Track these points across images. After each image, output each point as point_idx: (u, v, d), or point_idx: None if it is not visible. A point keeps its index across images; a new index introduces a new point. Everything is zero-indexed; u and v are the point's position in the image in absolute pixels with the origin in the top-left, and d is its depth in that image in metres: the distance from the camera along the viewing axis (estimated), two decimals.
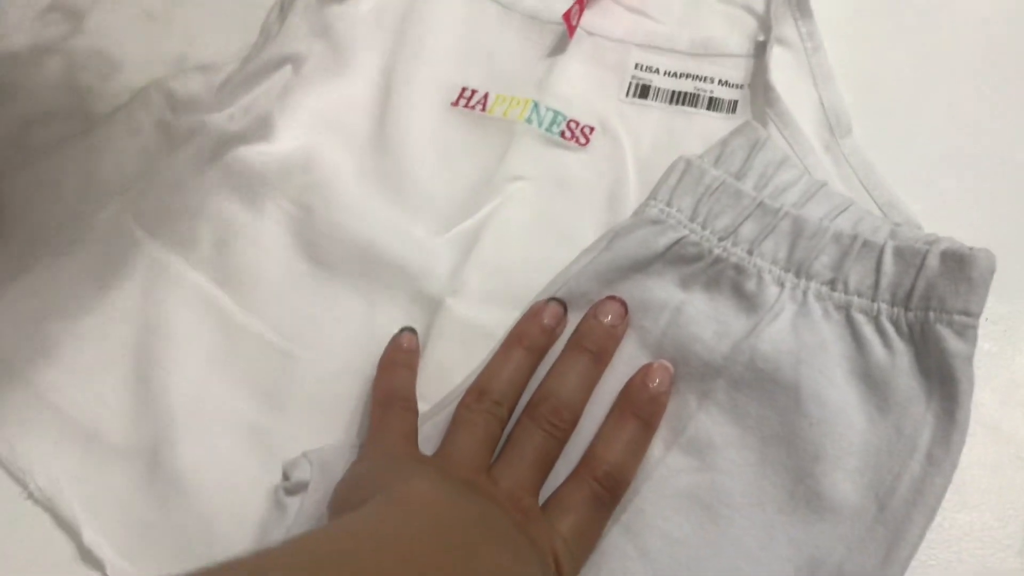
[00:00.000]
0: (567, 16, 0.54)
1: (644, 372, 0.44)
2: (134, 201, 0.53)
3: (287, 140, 0.54)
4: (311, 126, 0.54)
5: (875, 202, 0.49)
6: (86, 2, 0.63)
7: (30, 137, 0.57)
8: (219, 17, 0.62)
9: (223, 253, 0.52)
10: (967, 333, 0.41)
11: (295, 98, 0.55)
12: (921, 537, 0.40)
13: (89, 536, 0.45)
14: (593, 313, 0.46)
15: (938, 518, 0.42)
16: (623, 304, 0.46)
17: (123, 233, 0.52)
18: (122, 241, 0.52)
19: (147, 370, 0.49)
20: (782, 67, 0.52)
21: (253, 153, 0.53)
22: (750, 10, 0.56)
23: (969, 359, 0.41)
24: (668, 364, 0.45)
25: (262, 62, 0.56)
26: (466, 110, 0.55)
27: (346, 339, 0.49)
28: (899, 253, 0.43)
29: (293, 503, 0.42)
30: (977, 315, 0.41)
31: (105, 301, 0.51)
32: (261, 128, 0.53)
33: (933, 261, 0.42)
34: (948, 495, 0.41)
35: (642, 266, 0.46)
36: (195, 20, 0.62)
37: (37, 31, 0.62)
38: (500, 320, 0.48)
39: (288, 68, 0.56)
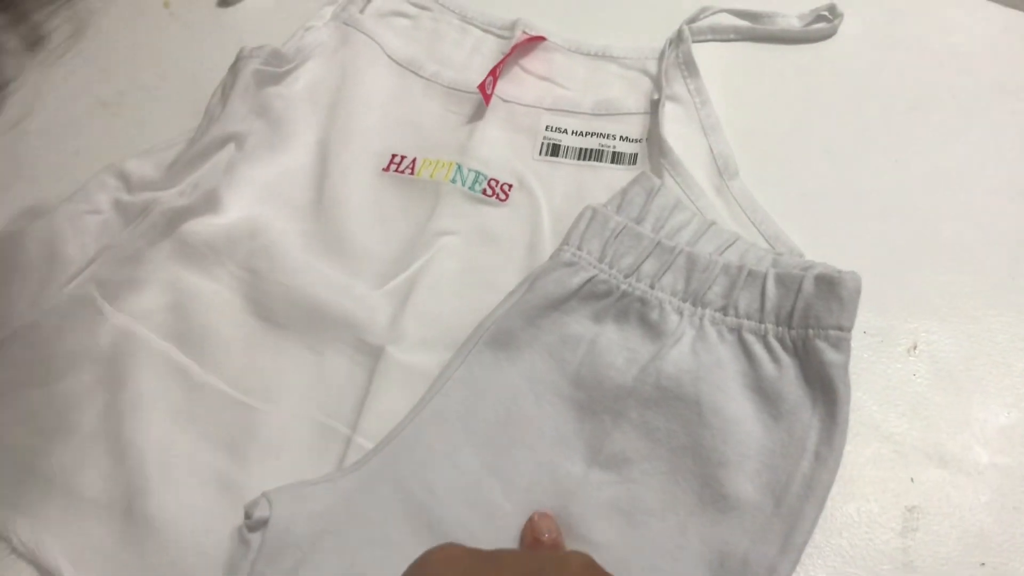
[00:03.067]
0: (482, 87, 0.60)
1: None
2: (96, 273, 0.57)
3: (233, 211, 0.58)
4: (255, 197, 0.59)
5: (763, 235, 0.56)
6: (45, 88, 0.68)
7: None
8: (166, 103, 0.67)
9: (179, 317, 0.55)
10: (841, 345, 0.47)
11: (239, 173, 0.59)
12: (813, 526, 0.45)
13: None
14: (531, 536, 0.47)
15: (828, 509, 0.47)
16: (551, 518, 0.48)
17: (87, 304, 0.55)
18: (87, 312, 0.55)
19: (117, 430, 0.51)
20: (674, 120, 0.59)
21: (203, 225, 0.57)
22: (645, 72, 0.62)
23: (844, 367, 0.47)
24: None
25: (207, 142, 0.61)
26: (396, 174, 0.60)
27: (298, 389, 0.53)
28: (780, 279, 0.49)
29: (255, 538, 0.46)
30: (849, 329, 0.48)
31: (76, 368, 0.54)
32: (209, 202, 0.58)
33: (808, 285, 0.48)
34: (836, 488, 0.47)
35: (559, 303, 0.52)
36: (145, 106, 0.67)
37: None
38: (437, 362, 0.52)
39: (231, 146, 0.60)
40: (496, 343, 0.51)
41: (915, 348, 0.54)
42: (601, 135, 0.60)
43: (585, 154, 0.60)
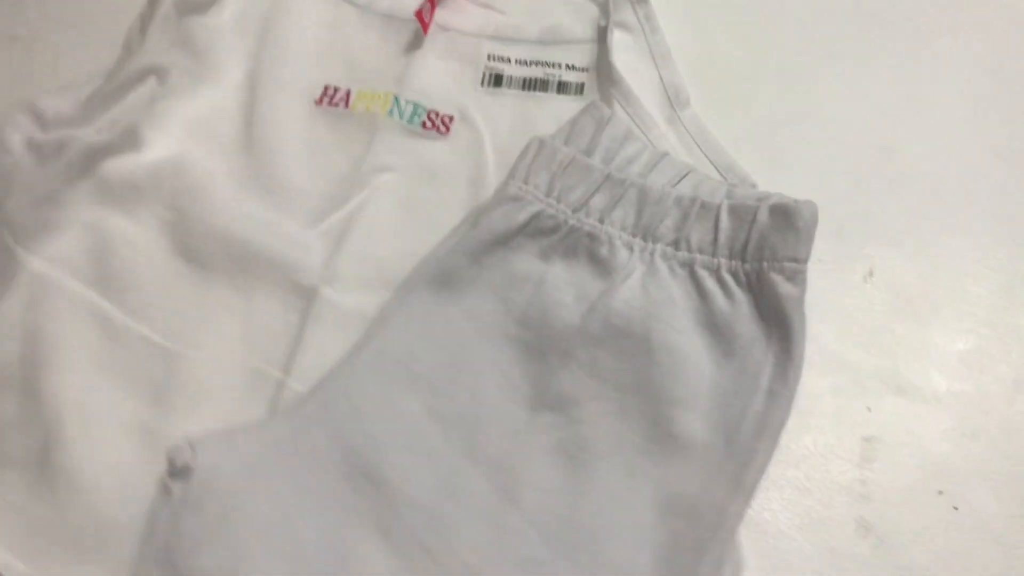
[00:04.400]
0: (419, 14, 0.56)
1: None
2: (8, 217, 0.53)
3: (156, 149, 0.54)
4: (179, 134, 0.55)
5: (715, 166, 0.54)
6: None
7: None
8: (82, 36, 0.63)
9: (100, 261, 0.52)
10: (797, 278, 0.46)
11: (161, 108, 0.55)
12: (766, 465, 0.44)
13: None
14: None
15: (785, 441, 0.46)
16: None
17: (1, 250, 0.52)
18: (0, 257, 0.52)
19: (33, 380, 0.49)
20: (623, 49, 0.57)
21: (123, 163, 0.53)
22: None
23: (800, 301, 0.46)
24: None
25: (126, 76, 0.57)
26: (330, 107, 0.57)
27: (226, 333, 0.51)
28: (733, 211, 0.47)
29: (178, 487, 0.44)
30: (804, 260, 0.46)
31: None
32: (129, 139, 0.54)
33: (763, 216, 0.46)
34: (793, 420, 0.45)
35: (505, 240, 0.49)
36: (58, 40, 0.63)
37: None
38: (374, 304, 0.50)
39: (152, 80, 0.57)
40: (438, 282, 0.49)
41: (871, 275, 0.53)
42: (546, 64, 0.57)
43: (530, 84, 0.57)
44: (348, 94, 0.57)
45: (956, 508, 0.48)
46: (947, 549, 0.47)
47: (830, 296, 0.52)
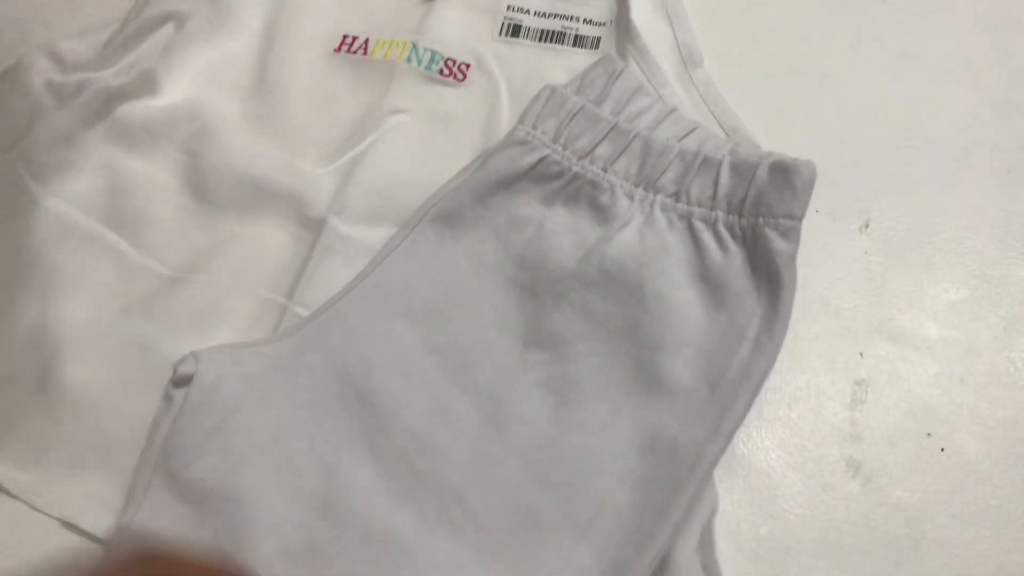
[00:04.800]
0: None
1: None
2: (26, 155, 0.55)
3: (172, 94, 0.56)
4: (195, 80, 0.57)
5: (721, 126, 0.54)
6: None
7: None
8: None
9: (115, 200, 0.54)
10: (790, 235, 0.46)
11: (178, 54, 0.57)
12: (746, 411, 0.45)
13: None
14: None
15: (778, 382, 0.49)
16: None
17: (17, 185, 0.54)
18: (15, 192, 0.54)
19: (39, 307, 0.51)
20: (641, 7, 0.57)
21: (139, 107, 0.55)
22: None
23: (792, 257, 0.46)
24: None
25: (144, 21, 0.58)
26: (348, 55, 0.58)
27: (235, 264, 0.52)
28: (734, 167, 0.48)
29: (179, 394, 0.45)
30: (800, 218, 0.47)
31: (1, 249, 0.53)
32: (146, 83, 0.56)
33: (763, 173, 0.47)
34: (786, 362, 0.48)
35: (510, 183, 0.50)
36: None
37: None
38: (381, 236, 0.51)
39: (170, 26, 0.58)
40: (442, 220, 0.50)
41: (867, 226, 0.54)
42: (564, 17, 0.58)
43: (547, 36, 0.58)
44: (367, 42, 0.58)
45: (943, 450, 0.49)
46: (933, 488, 0.48)
47: (826, 246, 0.53)
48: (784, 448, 0.49)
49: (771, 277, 0.46)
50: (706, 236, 0.48)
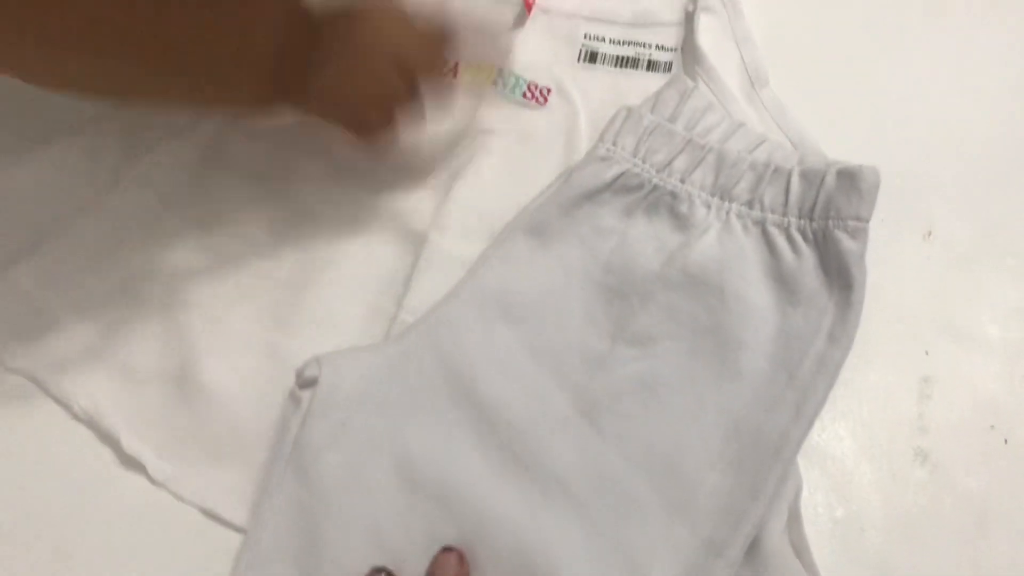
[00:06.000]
0: None
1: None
2: (155, 183, 0.60)
3: None
4: None
5: (788, 139, 0.58)
6: None
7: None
8: None
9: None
10: (859, 235, 0.50)
11: None
12: (825, 399, 0.48)
13: (128, 442, 0.51)
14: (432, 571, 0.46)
15: (849, 379, 0.51)
16: (459, 554, 0.46)
17: (146, 209, 0.58)
18: (144, 214, 0.58)
19: (172, 311, 0.55)
20: (708, 31, 0.61)
21: None
22: None
23: (861, 255, 0.50)
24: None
25: None
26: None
27: (349, 274, 0.56)
28: (804, 175, 0.52)
29: (306, 395, 0.49)
30: (867, 219, 0.50)
31: (132, 262, 0.57)
32: None
33: (830, 179, 0.51)
34: (857, 361, 0.50)
35: (593, 195, 0.55)
36: None
37: None
38: (476, 251, 0.55)
39: None
40: (532, 231, 0.54)
41: (930, 235, 0.57)
42: (638, 44, 0.63)
43: (622, 61, 0.62)
44: (456, 67, 0.63)
45: (1006, 441, 0.52)
46: (997, 477, 0.51)
47: (891, 253, 0.56)
48: (856, 439, 0.52)
49: (842, 275, 0.50)
50: (780, 240, 0.52)
